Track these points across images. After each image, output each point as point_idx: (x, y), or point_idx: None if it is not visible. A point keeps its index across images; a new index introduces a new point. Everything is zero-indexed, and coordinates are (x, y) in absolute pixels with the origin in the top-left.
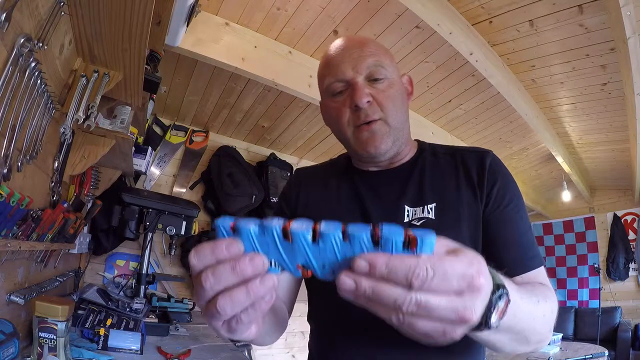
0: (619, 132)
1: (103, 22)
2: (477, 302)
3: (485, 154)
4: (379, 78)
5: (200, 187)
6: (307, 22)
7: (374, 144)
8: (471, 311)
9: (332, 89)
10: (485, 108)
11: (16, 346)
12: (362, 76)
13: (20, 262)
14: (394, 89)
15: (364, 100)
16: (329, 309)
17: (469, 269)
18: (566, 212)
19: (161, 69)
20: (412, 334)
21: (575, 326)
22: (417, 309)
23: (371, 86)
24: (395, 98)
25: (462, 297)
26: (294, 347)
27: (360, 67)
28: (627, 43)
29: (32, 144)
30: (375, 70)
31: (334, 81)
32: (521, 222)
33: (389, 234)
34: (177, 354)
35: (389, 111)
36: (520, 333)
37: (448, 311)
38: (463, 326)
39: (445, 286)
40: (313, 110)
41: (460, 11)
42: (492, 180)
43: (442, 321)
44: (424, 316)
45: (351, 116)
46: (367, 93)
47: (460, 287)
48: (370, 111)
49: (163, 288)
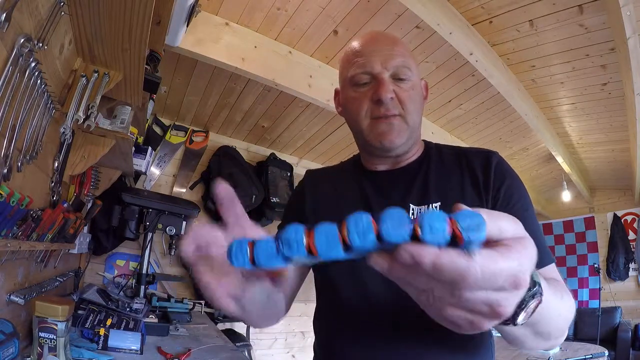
0: (619, 132)
1: (103, 22)
2: (515, 300)
3: (492, 154)
4: (403, 78)
5: (200, 187)
6: (307, 22)
7: (390, 137)
8: (506, 308)
9: (357, 80)
10: (485, 108)
11: (16, 346)
12: (388, 73)
13: (20, 262)
14: (415, 91)
15: (389, 96)
16: (337, 311)
17: (518, 268)
18: (566, 212)
19: (161, 69)
20: (437, 319)
21: (575, 326)
22: (450, 297)
23: (395, 84)
24: (415, 99)
25: (501, 293)
26: (294, 347)
27: (388, 64)
28: (627, 43)
29: (32, 144)
30: (402, 70)
31: (361, 72)
32: (530, 220)
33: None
34: (177, 354)
35: (409, 111)
36: (545, 329)
37: (483, 305)
38: (494, 321)
39: (489, 285)
40: (313, 110)
41: (460, 11)
42: (499, 180)
43: (474, 313)
44: (457, 306)
45: (370, 108)
46: (391, 89)
47: (503, 285)
48: (391, 106)
49: (163, 288)
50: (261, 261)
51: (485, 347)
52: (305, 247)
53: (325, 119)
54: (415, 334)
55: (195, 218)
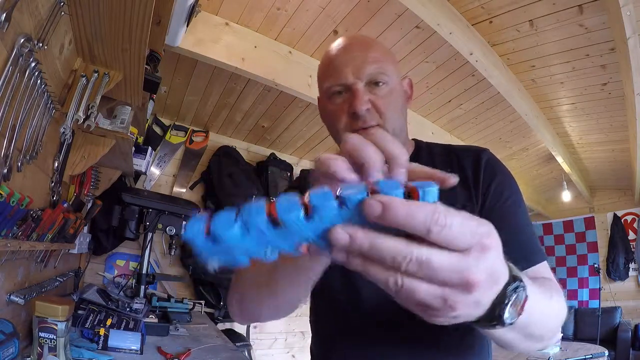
0: (619, 132)
1: (103, 22)
2: (483, 265)
3: (481, 152)
4: (379, 82)
5: (200, 187)
6: (307, 22)
7: None
8: (476, 274)
9: (331, 91)
10: (485, 108)
11: (16, 346)
12: (362, 82)
13: (20, 262)
14: (393, 96)
15: (363, 108)
16: (331, 313)
17: (481, 227)
18: (566, 212)
19: (161, 69)
20: (411, 305)
21: (575, 326)
22: (417, 269)
23: (371, 91)
24: (395, 104)
25: (468, 256)
26: (294, 347)
27: (361, 73)
28: (627, 43)
29: (32, 144)
30: (377, 76)
31: (334, 84)
32: (522, 217)
33: (387, 189)
34: (177, 354)
35: (388, 118)
36: (536, 330)
37: (452, 272)
38: (466, 294)
39: (458, 241)
40: (313, 110)
41: (460, 11)
42: (489, 177)
43: (443, 285)
44: (425, 278)
45: (348, 122)
46: (367, 100)
47: (470, 244)
48: (368, 117)
49: (163, 288)
50: (217, 230)
51: (481, 347)
52: (266, 211)
53: None
54: (410, 335)
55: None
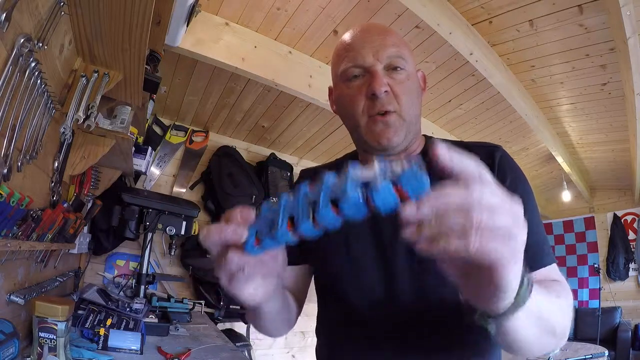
0: (619, 132)
1: (103, 22)
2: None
3: (495, 149)
4: (398, 67)
5: (200, 187)
6: (307, 22)
7: (387, 136)
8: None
9: (349, 74)
10: (485, 108)
11: (16, 346)
12: (382, 65)
13: (20, 262)
14: (411, 82)
15: (383, 90)
16: (342, 318)
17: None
18: (566, 212)
19: (161, 69)
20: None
21: (575, 326)
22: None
23: (389, 76)
24: (411, 91)
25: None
26: (294, 347)
27: (381, 55)
28: (627, 43)
29: (32, 144)
30: (395, 60)
31: (352, 66)
32: (533, 219)
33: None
34: (177, 354)
35: (405, 104)
36: (548, 321)
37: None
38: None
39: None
40: (313, 110)
41: (460, 11)
42: (502, 176)
43: (504, 238)
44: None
45: (366, 104)
46: (386, 82)
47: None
48: (386, 101)
49: (163, 288)
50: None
51: (492, 352)
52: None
53: (325, 119)
54: (422, 340)
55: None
